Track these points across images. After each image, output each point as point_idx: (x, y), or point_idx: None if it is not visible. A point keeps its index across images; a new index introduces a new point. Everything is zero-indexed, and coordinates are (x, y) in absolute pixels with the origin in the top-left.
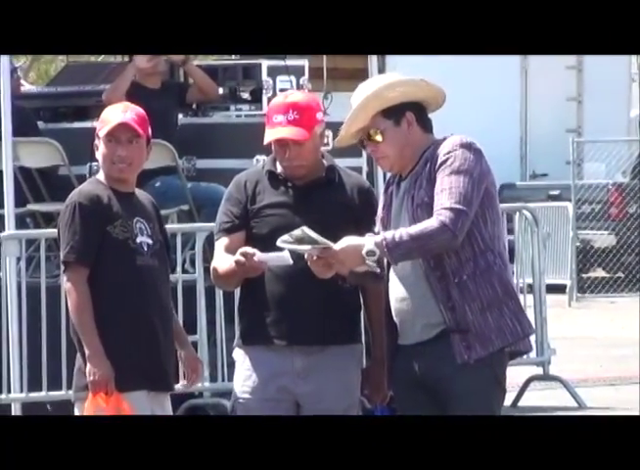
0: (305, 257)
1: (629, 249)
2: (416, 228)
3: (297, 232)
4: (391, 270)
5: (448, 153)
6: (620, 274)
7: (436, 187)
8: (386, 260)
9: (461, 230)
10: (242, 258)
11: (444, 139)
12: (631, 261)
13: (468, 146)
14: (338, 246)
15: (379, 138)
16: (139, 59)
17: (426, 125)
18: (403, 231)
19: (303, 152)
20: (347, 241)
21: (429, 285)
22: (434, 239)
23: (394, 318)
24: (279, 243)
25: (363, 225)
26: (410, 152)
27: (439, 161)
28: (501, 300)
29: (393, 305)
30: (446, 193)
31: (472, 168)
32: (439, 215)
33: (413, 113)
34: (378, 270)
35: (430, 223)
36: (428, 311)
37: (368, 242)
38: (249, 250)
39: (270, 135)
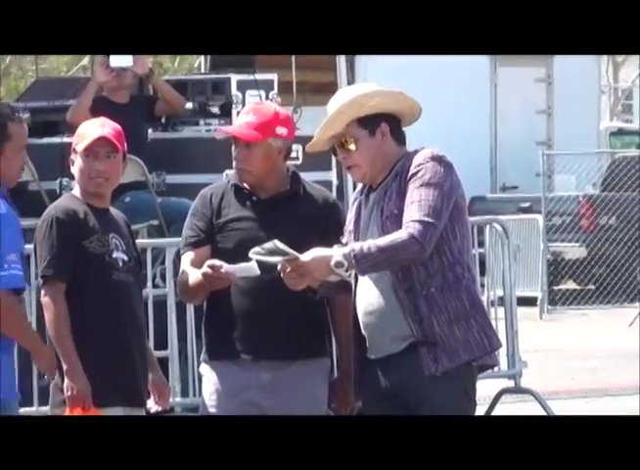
0: (278, 268)
1: (600, 261)
2: (384, 240)
3: (268, 245)
4: (359, 283)
5: (419, 165)
6: (591, 286)
7: (406, 199)
8: (353, 273)
9: (429, 242)
10: (209, 270)
11: (416, 152)
12: (602, 273)
13: (438, 159)
14: (305, 257)
15: (352, 147)
16: (98, 74)
17: (399, 138)
18: (372, 243)
19: (251, 157)
20: (315, 252)
21: (396, 297)
22: (403, 251)
23: (363, 332)
24: (251, 254)
25: (329, 238)
26: (381, 163)
27: (410, 173)
28: (469, 313)
29: (362, 318)
30: (416, 205)
31: (442, 181)
32: (408, 228)
33: (388, 124)
34: (351, 281)
35: (398, 235)
36: (396, 324)
37: (336, 253)
38: (216, 262)
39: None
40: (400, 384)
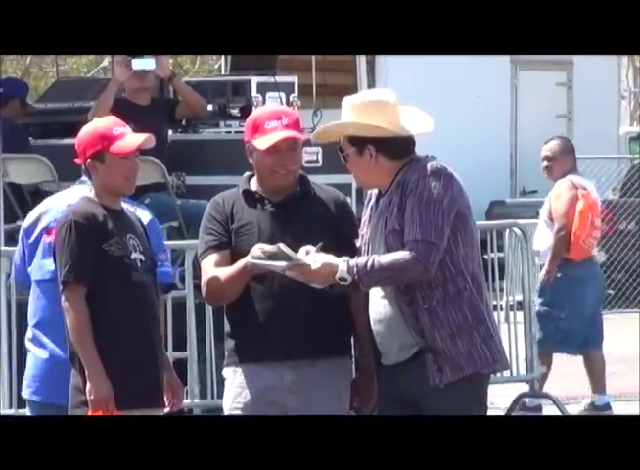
0: (280, 271)
1: (619, 266)
2: (388, 258)
3: (270, 248)
4: (370, 290)
5: (417, 180)
6: (610, 291)
7: (407, 217)
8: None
9: (433, 264)
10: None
11: (418, 160)
12: (621, 278)
13: (437, 174)
14: (314, 265)
15: (346, 159)
16: (118, 72)
17: (394, 154)
18: (376, 259)
19: (297, 156)
20: (323, 260)
21: (399, 309)
22: (406, 272)
23: (375, 338)
24: (250, 259)
25: (342, 236)
26: (377, 178)
27: (409, 188)
28: (471, 325)
29: (372, 325)
30: (417, 225)
31: (441, 197)
32: (412, 249)
33: (374, 145)
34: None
35: (402, 255)
36: (401, 334)
37: (341, 266)
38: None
39: (271, 138)
40: (411, 389)
